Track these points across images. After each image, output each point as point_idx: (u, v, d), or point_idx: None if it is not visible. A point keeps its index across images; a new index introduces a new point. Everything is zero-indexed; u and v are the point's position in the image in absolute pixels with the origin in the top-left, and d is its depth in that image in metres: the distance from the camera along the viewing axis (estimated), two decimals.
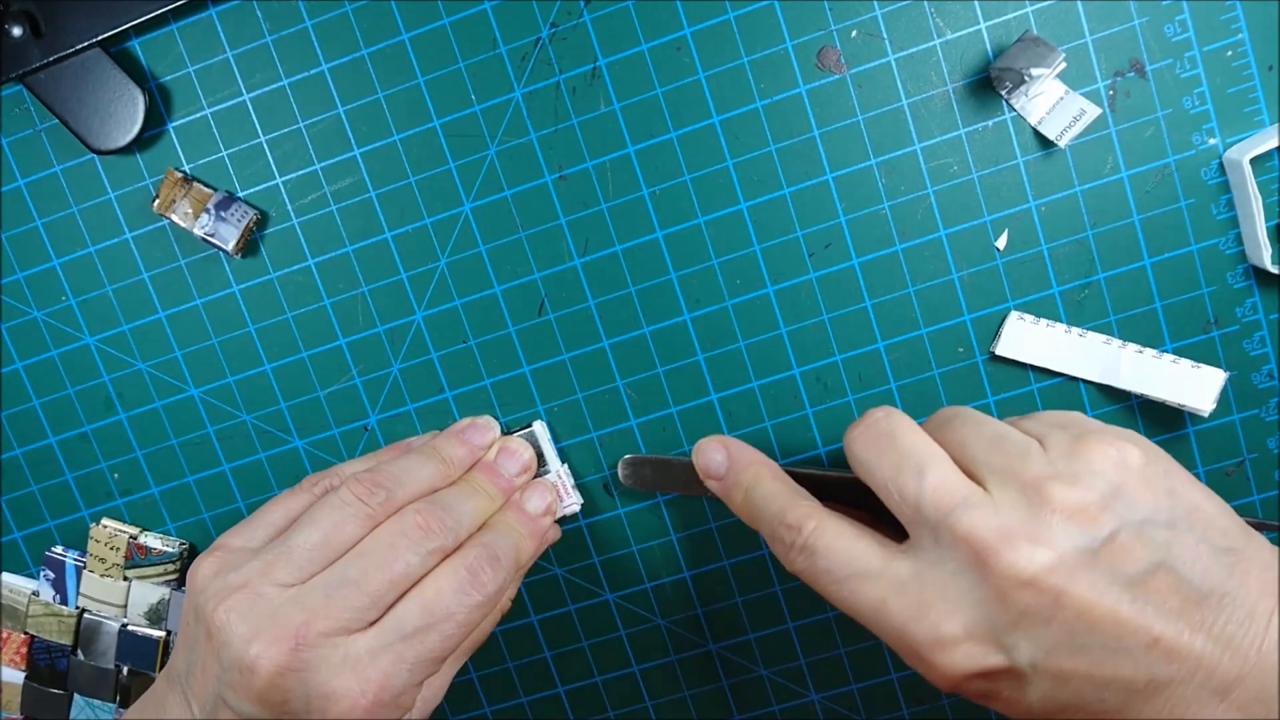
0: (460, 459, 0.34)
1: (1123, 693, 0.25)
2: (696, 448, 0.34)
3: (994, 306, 0.35)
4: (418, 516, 0.31)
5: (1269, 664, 0.25)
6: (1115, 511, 0.26)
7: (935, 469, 0.28)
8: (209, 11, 0.35)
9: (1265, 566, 0.26)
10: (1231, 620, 0.25)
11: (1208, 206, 0.34)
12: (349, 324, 0.37)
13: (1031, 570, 0.26)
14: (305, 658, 0.28)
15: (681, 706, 0.39)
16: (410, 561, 0.30)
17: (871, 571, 0.28)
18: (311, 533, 0.30)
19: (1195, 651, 0.25)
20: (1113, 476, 0.27)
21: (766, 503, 0.31)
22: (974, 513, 0.27)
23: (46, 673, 0.39)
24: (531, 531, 0.34)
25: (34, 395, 0.38)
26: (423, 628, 0.29)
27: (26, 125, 0.36)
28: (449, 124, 0.35)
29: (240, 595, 0.29)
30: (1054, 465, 0.27)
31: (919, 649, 0.27)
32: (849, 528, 0.29)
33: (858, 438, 0.30)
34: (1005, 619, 0.26)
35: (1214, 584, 0.26)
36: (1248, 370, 0.35)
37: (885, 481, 0.29)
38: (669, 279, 0.36)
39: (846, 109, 0.34)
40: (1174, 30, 0.33)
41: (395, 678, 0.29)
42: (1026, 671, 0.26)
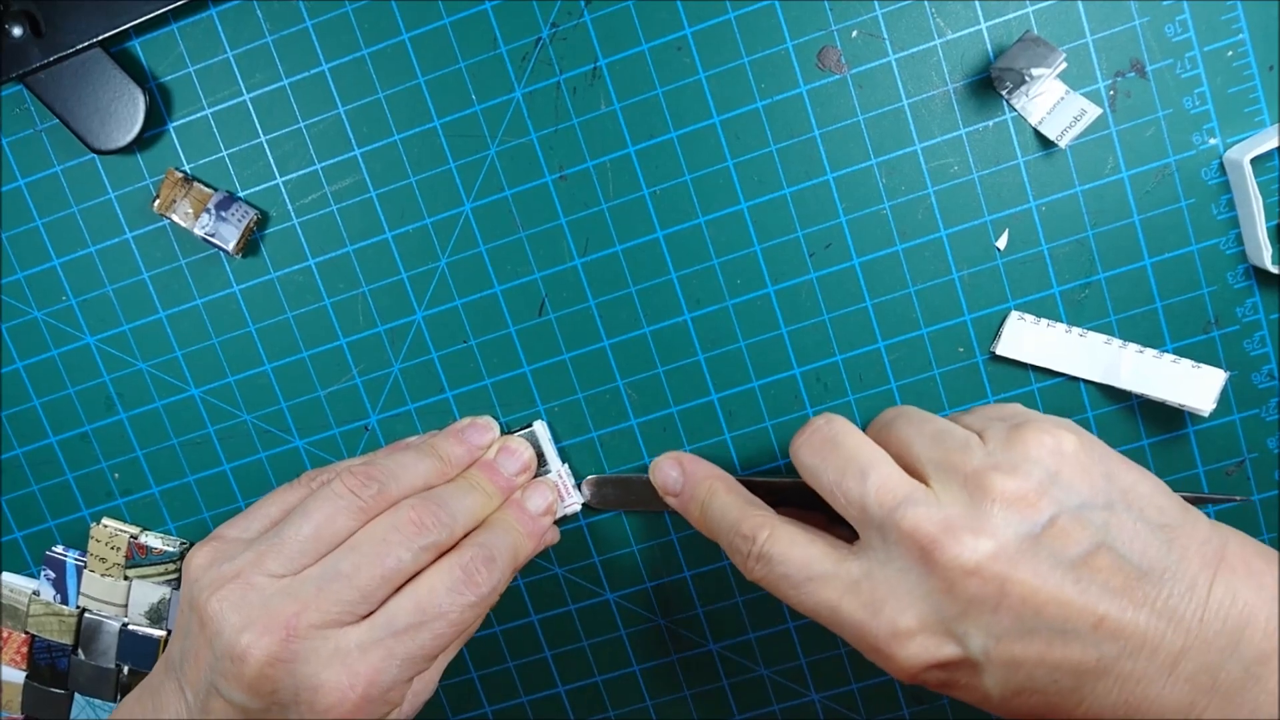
0: (458, 457, 0.34)
1: (1074, 674, 0.26)
2: (653, 466, 0.35)
3: (994, 306, 0.35)
4: (411, 512, 0.31)
5: (1210, 633, 0.26)
6: (1053, 497, 0.27)
7: (877, 470, 0.29)
8: (209, 11, 0.35)
9: (1203, 540, 0.27)
10: (1173, 594, 0.26)
11: (1208, 206, 0.34)
12: (349, 324, 0.37)
13: (975, 559, 0.26)
14: (295, 649, 0.28)
15: (681, 706, 0.39)
16: (402, 557, 0.30)
17: (825, 574, 0.29)
18: (303, 525, 0.30)
19: (1140, 627, 0.26)
20: (1049, 463, 0.28)
21: (722, 515, 0.32)
22: (917, 509, 0.27)
23: (47, 672, 0.39)
24: (531, 531, 0.34)
25: (34, 395, 0.38)
26: (414, 625, 0.29)
27: (27, 125, 0.36)
28: (449, 124, 0.35)
29: (233, 585, 0.29)
30: (993, 456, 0.28)
31: (876, 644, 0.28)
32: (801, 533, 0.30)
33: (802, 446, 0.31)
34: (954, 609, 0.27)
35: (1153, 560, 0.26)
36: (1248, 370, 0.35)
37: (831, 486, 0.30)
38: (669, 279, 0.36)
39: (847, 109, 0.34)
40: (1174, 30, 0.33)
41: (384, 673, 0.29)
42: (980, 659, 0.27)
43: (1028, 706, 0.27)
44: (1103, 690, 0.26)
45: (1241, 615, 0.26)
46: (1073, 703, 0.27)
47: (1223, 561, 0.27)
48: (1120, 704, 0.26)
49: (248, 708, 0.29)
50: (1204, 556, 0.27)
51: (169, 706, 0.31)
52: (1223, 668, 0.25)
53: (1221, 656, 0.25)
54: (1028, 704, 0.27)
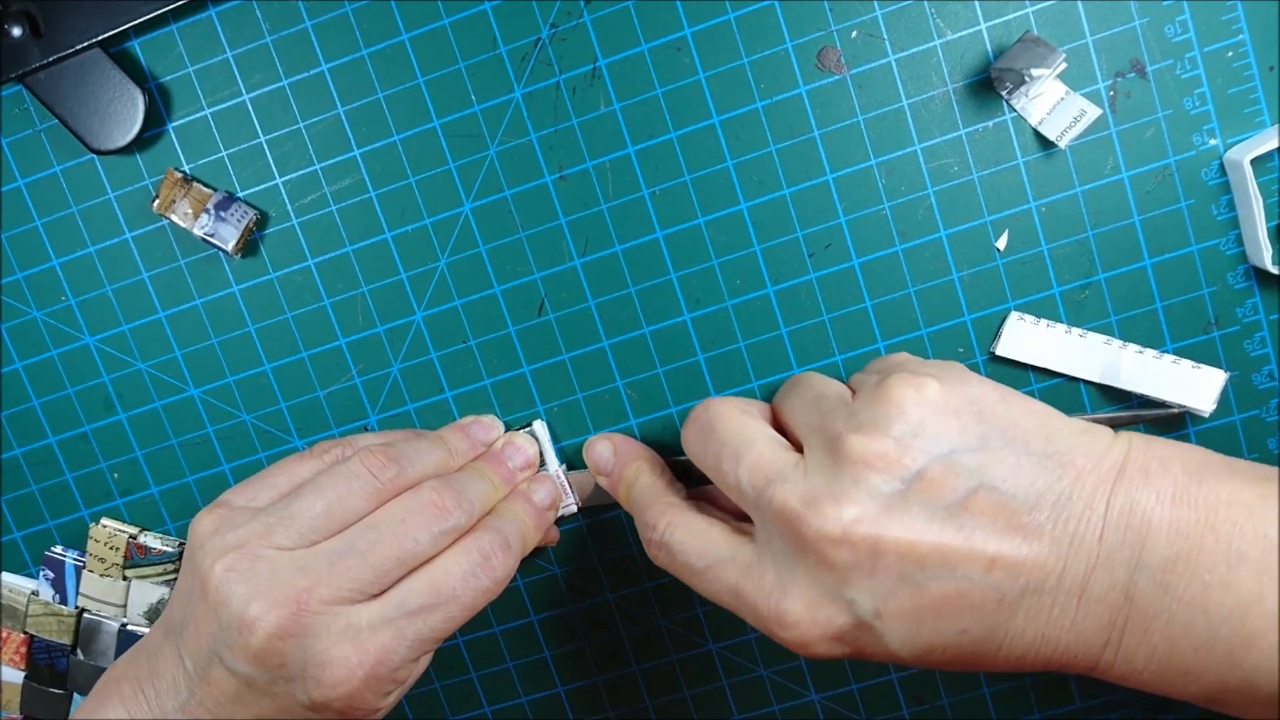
0: (463, 450, 0.35)
1: (980, 619, 0.25)
2: (587, 444, 0.35)
3: (994, 307, 0.35)
4: (434, 495, 0.30)
5: (1112, 547, 0.25)
6: (918, 448, 0.26)
7: (750, 450, 0.28)
8: (209, 11, 0.35)
9: (1099, 455, 0.26)
10: (1070, 519, 0.25)
11: (1208, 207, 0.34)
12: (349, 324, 0.37)
13: (839, 528, 0.26)
14: (306, 623, 0.28)
15: (681, 706, 0.39)
16: (420, 540, 0.30)
17: (722, 559, 0.29)
18: (316, 500, 0.30)
19: (1038, 558, 0.25)
20: (912, 415, 0.27)
21: (638, 500, 0.32)
22: (784, 486, 0.27)
23: (46, 672, 0.39)
24: (537, 522, 0.34)
25: (34, 395, 0.38)
26: (427, 606, 0.29)
27: (26, 125, 0.36)
28: (449, 124, 0.35)
29: (240, 554, 0.29)
30: (855, 416, 0.27)
31: (771, 625, 0.27)
32: (700, 520, 0.30)
33: (685, 434, 0.31)
34: (833, 580, 0.26)
35: (1042, 490, 0.26)
36: (1248, 371, 0.35)
37: (713, 473, 0.30)
38: (669, 279, 0.36)
39: (847, 109, 0.34)
40: (1174, 31, 0.33)
41: (394, 653, 0.29)
42: (873, 622, 0.26)
43: (946, 659, 0.27)
44: (1016, 629, 0.25)
45: (1142, 524, 0.25)
46: (990, 648, 0.26)
47: (1120, 473, 0.26)
48: (1038, 639, 0.25)
49: (251, 679, 0.28)
50: (1100, 474, 0.26)
51: (165, 671, 0.30)
52: (1133, 581, 0.25)
53: (1128, 570, 0.25)
54: (944, 657, 0.26)
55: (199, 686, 0.29)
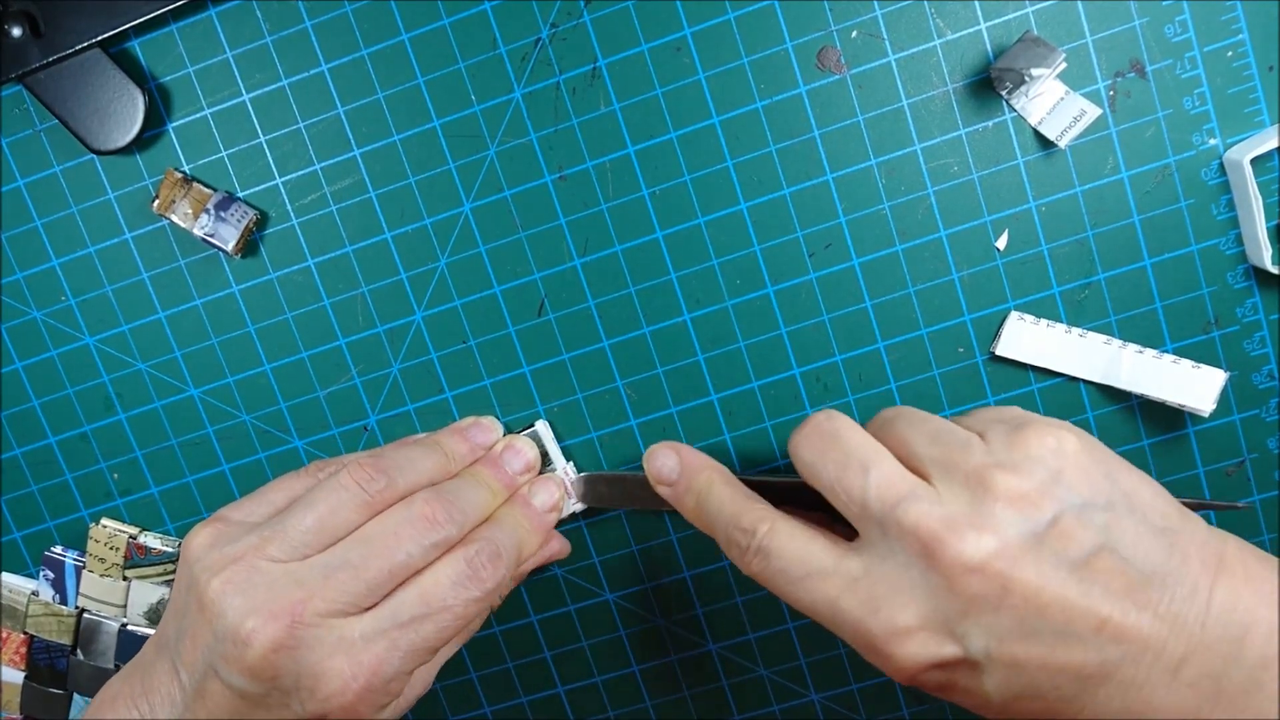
0: (462, 454, 0.34)
1: (1076, 679, 0.26)
2: (648, 453, 0.34)
3: (994, 306, 0.35)
4: (425, 507, 0.31)
5: (1213, 638, 0.25)
6: (1056, 496, 0.27)
7: (879, 466, 0.28)
8: (209, 12, 0.35)
9: (1202, 544, 0.27)
10: (1175, 598, 0.25)
11: (1208, 207, 0.34)
12: (349, 324, 0.37)
13: (979, 557, 0.26)
14: (300, 635, 0.28)
15: (681, 706, 0.39)
16: (412, 552, 0.30)
17: (825, 570, 0.28)
18: (307, 514, 0.30)
19: (1143, 631, 0.25)
20: (1051, 463, 0.27)
21: (720, 507, 0.32)
22: (919, 504, 0.27)
23: (46, 672, 0.39)
24: (537, 526, 0.34)
25: (34, 395, 0.38)
26: (419, 616, 0.29)
27: (26, 125, 0.36)
28: (449, 124, 0.35)
29: (236, 568, 0.29)
30: (994, 455, 0.28)
31: (875, 642, 0.27)
32: (801, 529, 0.30)
33: (802, 442, 0.30)
34: (955, 607, 0.26)
35: (1156, 564, 0.26)
36: (1248, 370, 0.35)
37: (831, 482, 0.29)
38: (669, 279, 0.36)
39: (847, 109, 0.34)
40: (1174, 30, 0.33)
41: (387, 664, 0.29)
42: (981, 660, 0.26)
43: (1027, 711, 0.27)
44: (1104, 696, 0.26)
45: (1243, 620, 0.25)
46: (1074, 709, 0.26)
47: (1222, 566, 0.26)
48: (1123, 710, 0.26)
49: (247, 692, 0.28)
50: (1204, 561, 0.26)
51: (160, 687, 0.30)
52: (1226, 674, 0.25)
53: (1224, 662, 0.25)
54: (1028, 709, 0.27)
55: (194, 701, 0.29)
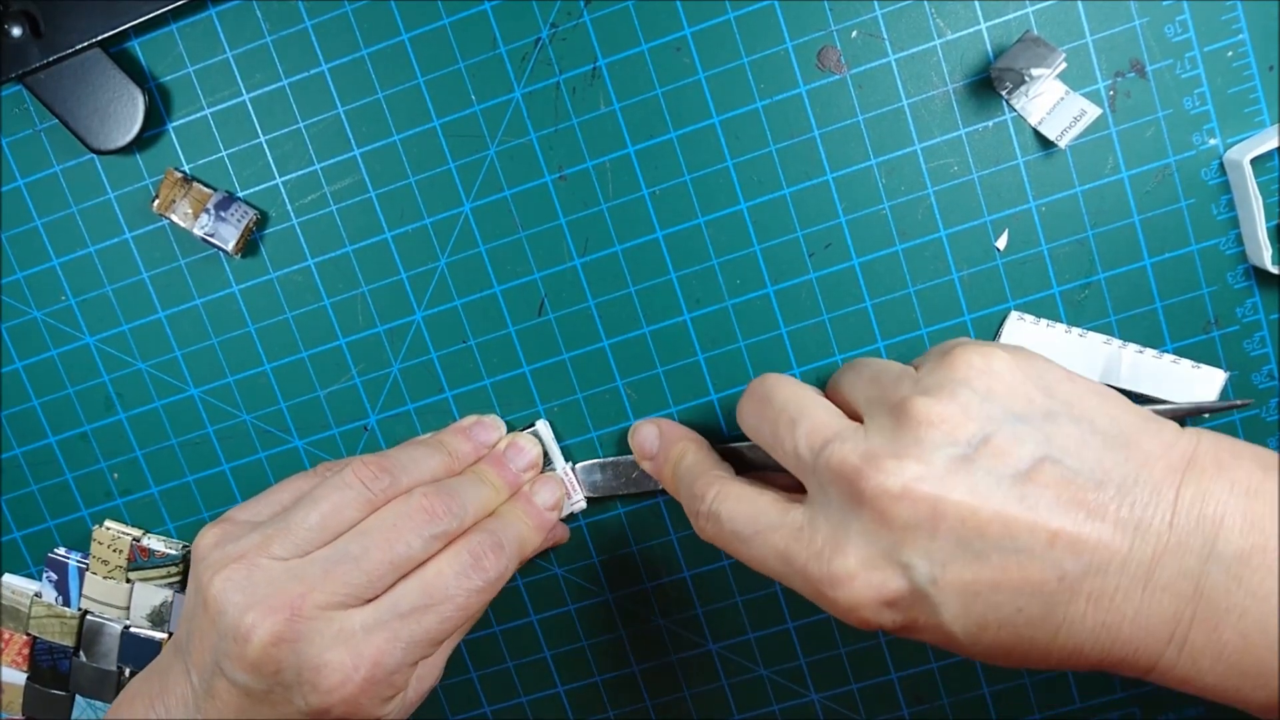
0: (465, 453, 0.35)
1: (1038, 597, 0.25)
2: (632, 429, 0.35)
3: (994, 306, 0.35)
4: (423, 500, 0.31)
5: (1183, 537, 0.24)
6: (984, 414, 0.26)
7: (807, 415, 0.28)
8: (209, 11, 0.35)
9: (1168, 445, 0.25)
10: (1136, 503, 0.24)
11: (1208, 207, 0.34)
12: (349, 324, 0.37)
13: (900, 483, 0.25)
14: (300, 629, 0.28)
15: (681, 706, 0.39)
16: (412, 544, 0.30)
17: (772, 524, 0.28)
18: (311, 512, 0.30)
19: (1102, 540, 0.24)
20: (979, 383, 0.26)
21: (684, 476, 0.32)
22: (843, 444, 0.27)
23: (49, 674, 0.39)
24: (538, 524, 0.34)
25: (34, 395, 0.38)
26: (420, 607, 0.29)
27: (26, 125, 0.36)
28: (449, 124, 0.35)
29: (237, 566, 0.29)
30: (920, 382, 0.27)
31: (822, 588, 0.27)
32: (749, 489, 0.30)
33: (741, 409, 0.31)
34: (891, 540, 0.25)
35: (1108, 469, 0.25)
36: (1248, 370, 0.35)
37: (769, 441, 0.30)
38: (669, 279, 0.36)
39: (847, 109, 0.34)
40: (1174, 30, 0.33)
41: (389, 655, 0.29)
42: (929, 590, 0.25)
43: (999, 643, 0.25)
44: (1076, 613, 0.24)
45: (1215, 515, 0.24)
46: (1047, 633, 0.25)
47: (1191, 464, 0.25)
48: (1098, 627, 0.24)
49: (251, 688, 0.29)
50: (1169, 462, 0.25)
51: (175, 688, 0.31)
52: (1204, 572, 0.24)
53: (1199, 560, 0.24)
54: (998, 639, 0.25)
55: (205, 700, 0.29)
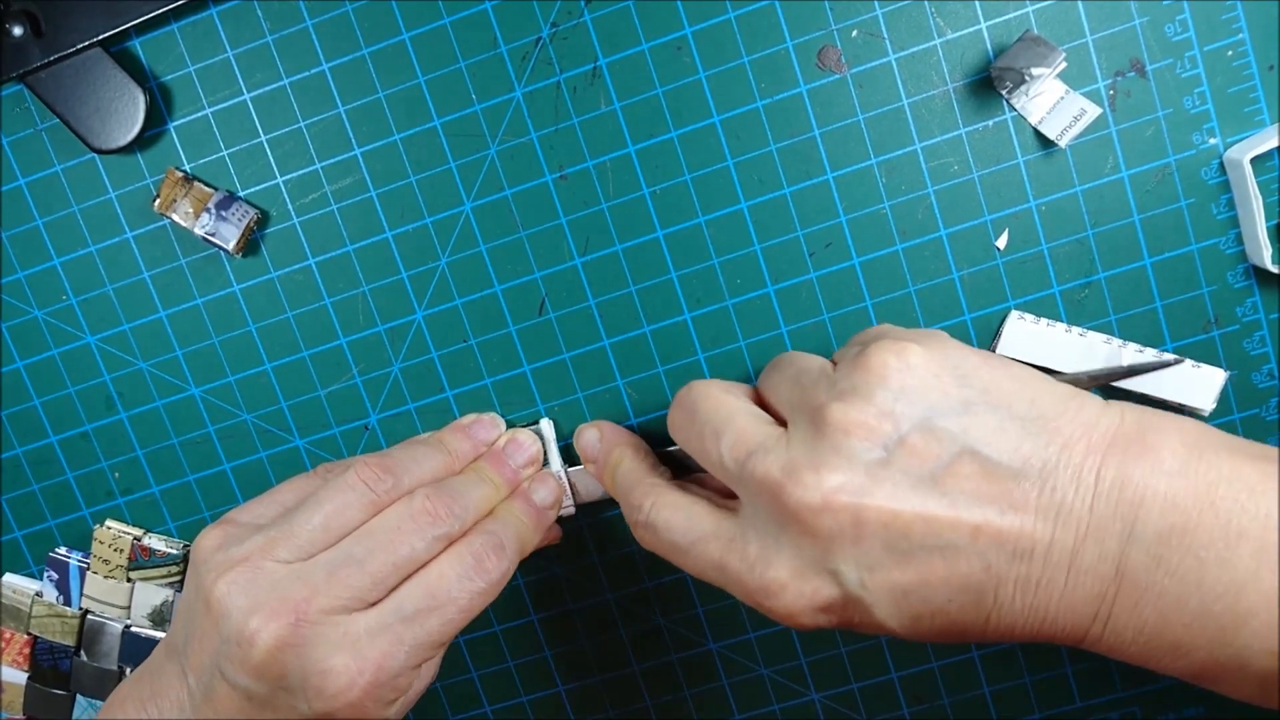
0: (464, 451, 0.34)
1: (967, 590, 0.25)
2: (576, 432, 0.35)
3: (994, 306, 0.35)
4: (426, 502, 0.31)
5: (1103, 519, 0.24)
6: (899, 414, 0.26)
7: (731, 426, 0.28)
8: (209, 11, 0.35)
9: (1089, 424, 0.25)
10: (1056, 487, 0.24)
11: (1208, 206, 0.34)
12: (349, 323, 0.37)
13: (819, 495, 0.25)
14: (304, 633, 0.28)
15: (681, 706, 0.39)
16: (415, 546, 0.30)
17: (707, 534, 0.29)
18: (314, 514, 0.30)
19: (1025, 529, 0.24)
20: (893, 381, 0.26)
21: (621, 483, 0.32)
22: (766, 457, 0.27)
23: (49, 673, 0.39)
24: (537, 523, 0.34)
25: (34, 394, 0.38)
26: (423, 610, 0.29)
27: (27, 125, 0.36)
28: (449, 123, 0.35)
29: (241, 569, 0.29)
30: (836, 386, 0.27)
31: (757, 597, 0.27)
32: (683, 498, 0.30)
33: (671, 419, 0.31)
34: (817, 550, 0.26)
35: (1027, 456, 0.25)
36: (1248, 370, 0.35)
37: (697, 451, 0.30)
38: (669, 278, 0.36)
39: (847, 109, 0.34)
40: (1174, 30, 0.33)
41: (393, 659, 0.29)
42: (859, 593, 0.26)
43: (935, 630, 0.26)
44: (1004, 599, 0.25)
45: (1134, 496, 0.24)
46: (979, 618, 0.25)
47: (1114, 443, 0.25)
48: (1026, 609, 0.25)
49: (253, 692, 0.28)
50: (1089, 442, 0.25)
51: (169, 691, 0.30)
52: (1125, 554, 0.24)
53: (1120, 542, 0.24)
54: (933, 627, 0.26)
55: (203, 704, 0.29)
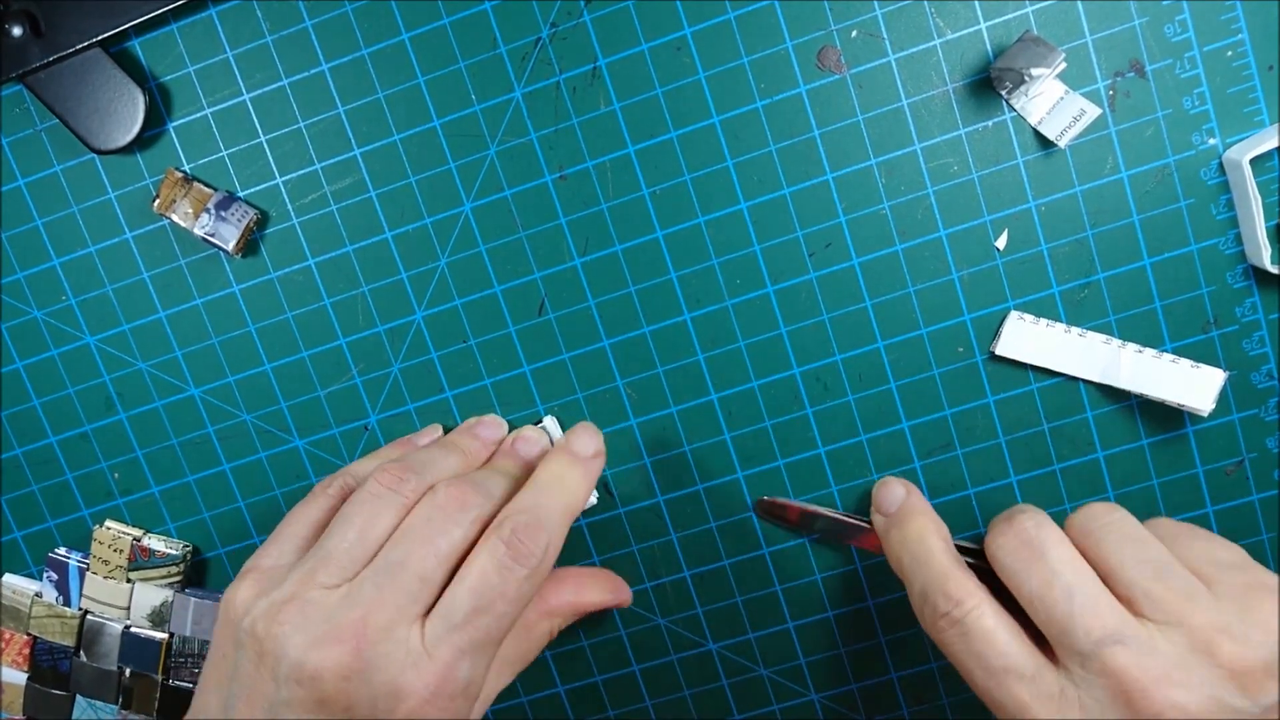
0: (476, 450, 0.34)
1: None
2: (881, 482, 0.35)
3: (994, 306, 0.35)
4: (449, 489, 0.30)
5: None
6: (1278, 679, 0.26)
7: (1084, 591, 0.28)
8: (209, 11, 0.35)
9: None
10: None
11: (1207, 206, 0.34)
12: (349, 324, 0.37)
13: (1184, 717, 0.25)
14: (367, 657, 0.27)
15: (681, 706, 0.39)
16: (452, 534, 0.29)
17: (1023, 673, 0.28)
18: (347, 531, 0.29)
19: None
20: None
21: (928, 559, 0.31)
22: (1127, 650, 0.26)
23: (49, 674, 0.39)
24: (584, 474, 0.32)
25: (34, 395, 0.38)
26: (474, 611, 0.28)
27: (27, 125, 0.36)
28: (449, 124, 0.35)
29: (290, 607, 0.27)
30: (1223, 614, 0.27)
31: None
32: (1006, 620, 0.29)
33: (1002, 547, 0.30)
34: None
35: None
36: (1247, 370, 0.35)
37: (1032, 597, 0.28)
38: (669, 279, 0.36)
39: (846, 109, 0.34)
40: (1174, 30, 0.33)
41: (457, 667, 0.28)
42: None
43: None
44: None
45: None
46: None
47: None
48: None
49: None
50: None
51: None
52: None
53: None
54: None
55: None
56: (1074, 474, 0.36)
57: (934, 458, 0.36)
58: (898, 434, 0.36)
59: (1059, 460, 0.36)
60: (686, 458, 0.37)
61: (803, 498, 0.37)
